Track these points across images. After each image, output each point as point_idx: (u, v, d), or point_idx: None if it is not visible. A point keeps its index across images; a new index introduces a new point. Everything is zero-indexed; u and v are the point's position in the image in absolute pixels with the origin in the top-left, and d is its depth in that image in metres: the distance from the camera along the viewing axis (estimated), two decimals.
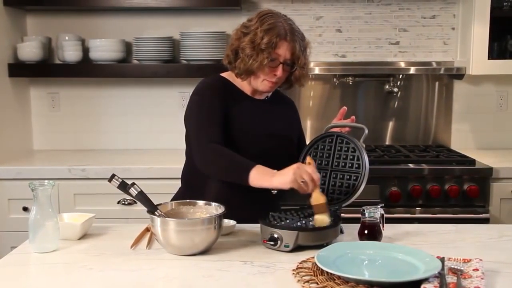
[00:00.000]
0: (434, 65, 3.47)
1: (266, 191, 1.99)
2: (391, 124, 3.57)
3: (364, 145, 1.96)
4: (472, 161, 3.05)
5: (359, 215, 1.83)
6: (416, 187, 2.94)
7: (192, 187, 2.18)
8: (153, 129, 3.60)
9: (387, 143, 3.57)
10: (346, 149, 1.98)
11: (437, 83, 3.53)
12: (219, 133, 2.01)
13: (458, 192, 2.94)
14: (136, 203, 2.95)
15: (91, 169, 3.00)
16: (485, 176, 2.96)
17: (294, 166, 1.81)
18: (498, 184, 2.97)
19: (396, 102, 3.55)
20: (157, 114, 3.59)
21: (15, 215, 3.01)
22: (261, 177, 1.85)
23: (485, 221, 2.90)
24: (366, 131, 1.98)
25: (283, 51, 2.04)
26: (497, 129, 3.57)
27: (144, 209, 1.77)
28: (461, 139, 3.56)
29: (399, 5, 3.49)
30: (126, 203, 2.99)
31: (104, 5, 3.29)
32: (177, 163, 2.51)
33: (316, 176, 1.80)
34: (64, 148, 3.58)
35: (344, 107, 2.19)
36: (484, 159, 3.11)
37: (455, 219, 2.86)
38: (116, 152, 3.51)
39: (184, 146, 2.21)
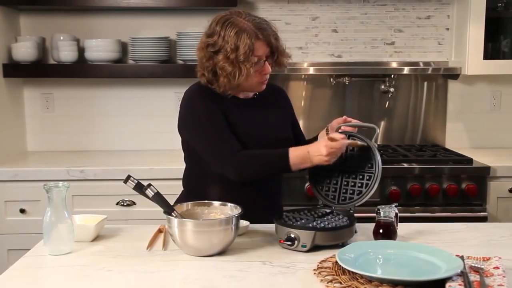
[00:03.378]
0: (429, 65, 3.49)
1: (268, 190, 1.99)
2: (386, 124, 3.59)
3: (376, 145, 1.96)
4: (470, 160, 3.08)
5: (369, 215, 1.84)
6: (415, 186, 2.96)
7: (194, 191, 2.16)
8: (149, 129, 3.57)
9: (382, 142, 3.58)
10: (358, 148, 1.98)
11: (431, 83, 3.56)
12: (234, 138, 2.01)
13: (457, 191, 2.97)
14: (135, 204, 2.94)
15: (90, 170, 2.97)
16: (482, 175, 2.99)
17: (326, 149, 1.90)
18: (495, 182, 3.00)
19: (391, 102, 3.57)
20: (153, 115, 3.56)
21: (12, 217, 2.97)
22: (300, 161, 1.95)
23: (483, 219, 2.94)
24: (378, 130, 1.99)
25: (262, 50, 2.01)
26: (490, 128, 3.61)
27: (144, 210, 1.76)
28: (456, 139, 3.60)
29: (394, 6, 3.51)
30: (125, 204, 2.96)
31: (100, 5, 3.24)
32: (177, 164, 2.49)
33: (343, 142, 1.92)
34: (58, 149, 3.53)
35: (345, 117, 2.11)
36: (480, 158, 3.14)
37: (453, 218, 2.88)
38: (112, 153, 3.48)
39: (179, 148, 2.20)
